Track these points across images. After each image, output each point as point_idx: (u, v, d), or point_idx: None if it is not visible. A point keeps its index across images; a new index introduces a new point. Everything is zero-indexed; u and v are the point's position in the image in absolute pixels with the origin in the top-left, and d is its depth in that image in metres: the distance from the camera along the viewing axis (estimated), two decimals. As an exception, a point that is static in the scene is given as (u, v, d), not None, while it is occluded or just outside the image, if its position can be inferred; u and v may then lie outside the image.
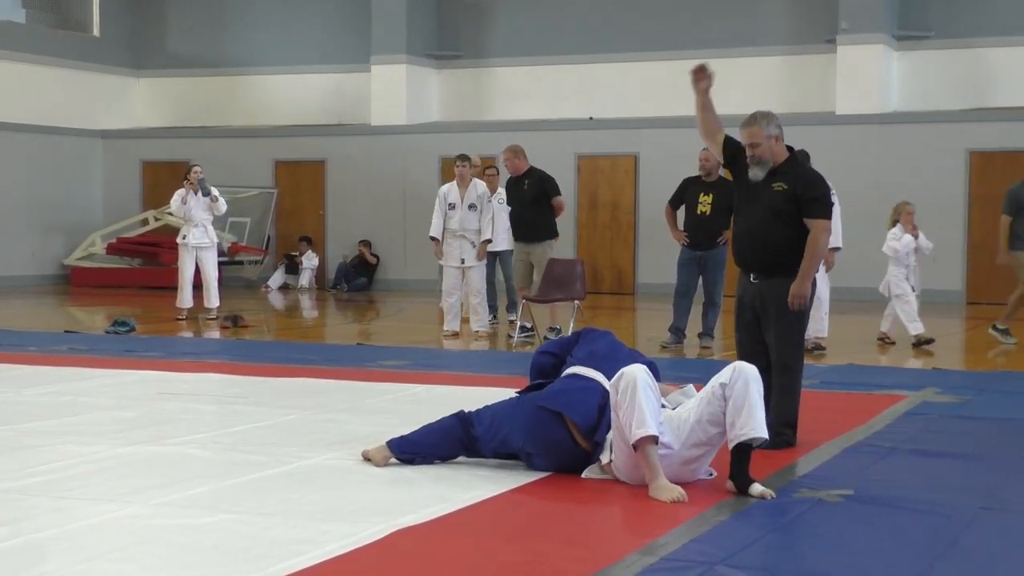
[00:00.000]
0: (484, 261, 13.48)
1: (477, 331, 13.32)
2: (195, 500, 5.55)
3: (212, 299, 15.22)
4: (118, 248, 22.05)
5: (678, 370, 10.66)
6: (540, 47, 21.41)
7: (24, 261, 21.96)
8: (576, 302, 12.91)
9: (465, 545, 4.97)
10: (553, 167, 20.26)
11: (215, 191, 15.26)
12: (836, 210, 11.72)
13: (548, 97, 21.32)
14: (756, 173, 6.94)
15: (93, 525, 5.12)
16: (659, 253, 18.83)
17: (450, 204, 13.32)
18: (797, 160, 7.01)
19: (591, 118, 20.75)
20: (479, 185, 13.45)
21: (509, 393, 9.03)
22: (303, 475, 6.14)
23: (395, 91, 21.61)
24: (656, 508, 5.50)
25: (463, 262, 13.31)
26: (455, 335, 13.27)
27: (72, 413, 7.60)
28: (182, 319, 15.06)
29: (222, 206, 15.33)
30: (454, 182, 13.43)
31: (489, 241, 13.39)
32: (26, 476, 6.01)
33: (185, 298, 15.16)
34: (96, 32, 23.54)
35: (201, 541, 4.90)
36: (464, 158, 13.45)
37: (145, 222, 22.39)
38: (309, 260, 21.74)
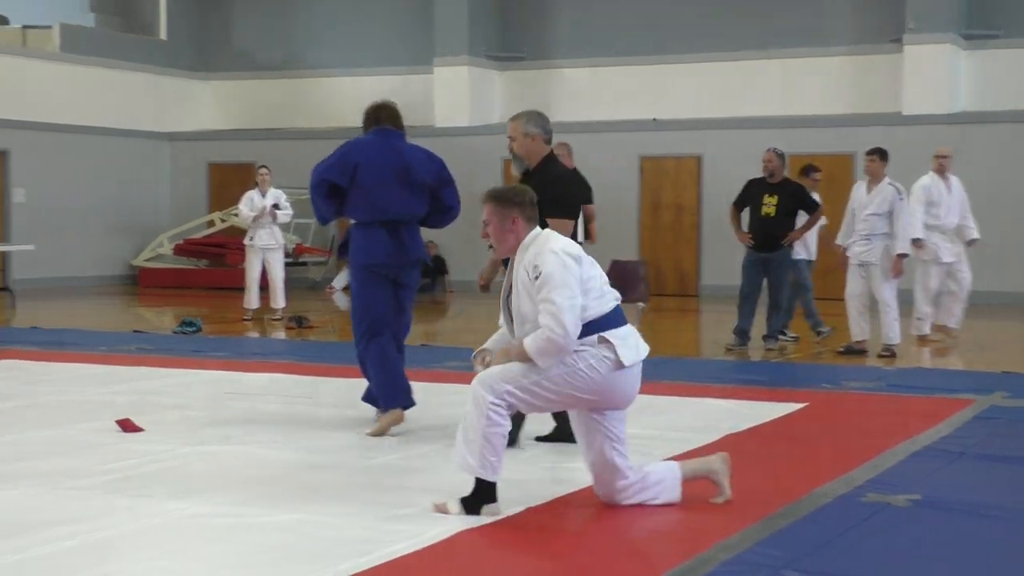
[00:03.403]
0: None
1: None
2: (261, 499, 5.59)
3: (278, 300, 15.34)
4: (185, 249, 22.27)
5: (743, 372, 10.64)
6: (603, 48, 21.37)
7: (94, 261, 22.22)
8: (640, 304, 12.87)
9: (528, 548, 4.97)
10: (616, 168, 20.38)
11: (282, 212, 15.36)
12: (907, 211, 11.63)
13: (611, 98, 21.28)
14: (513, 168, 7.03)
15: (160, 524, 5.18)
16: (723, 255, 18.73)
17: None
18: (548, 163, 6.91)
19: (654, 119, 20.68)
20: None
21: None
22: (369, 475, 6.17)
23: (458, 92, 21.65)
24: (720, 510, 5.47)
25: None
26: None
27: (140, 412, 7.68)
28: (248, 320, 15.18)
29: (286, 216, 15.48)
30: None
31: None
32: (95, 474, 6.09)
33: (251, 299, 15.30)
34: (164, 35, 23.82)
35: (266, 540, 4.94)
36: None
37: (211, 223, 22.60)
38: (373, 261, 21.79)
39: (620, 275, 13.08)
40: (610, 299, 5.47)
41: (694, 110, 20.62)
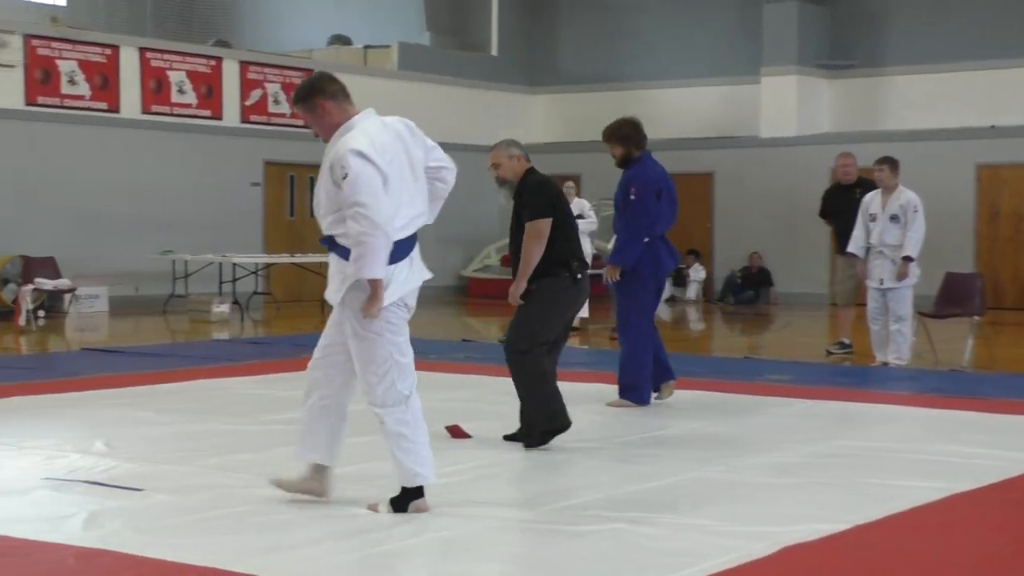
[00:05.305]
0: (910, 283, 11.45)
1: (894, 362, 11.48)
2: (582, 507, 5.64)
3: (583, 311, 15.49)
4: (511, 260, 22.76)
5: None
6: (938, 54, 20.60)
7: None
8: (975, 318, 12.33)
9: (857, 566, 4.82)
10: (950, 177, 19.61)
11: (584, 222, 15.56)
12: None
13: (946, 105, 20.48)
14: (502, 197, 7.57)
15: (487, 527, 5.30)
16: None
17: (871, 215, 11.56)
18: (527, 175, 7.48)
19: (993, 126, 19.79)
20: (905, 193, 11.47)
21: (902, 411, 8.77)
22: (690, 487, 6.15)
23: (785, 102, 21.34)
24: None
25: (882, 283, 11.51)
26: (885, 366, 11.54)
27: (468, 419, 7.87)
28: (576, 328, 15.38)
29: (590, 225, 15.65)
30: (878, 190, 11.61)
31: (910, 259, 11.35)
32: (426, 477, 6.29)
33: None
34: (494, 52, 24.49)
35: (587, 548, 4.98)
36: (886, 161, 11.58)
37: (537, 235, 22.99)
38: (696, 273, 21.78)
39: (955, 288, 12.59)
40: (403, 220, 5.50)
41: (1037, 116, 19.62)
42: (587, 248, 15.67)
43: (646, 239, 8.74)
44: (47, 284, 16.55)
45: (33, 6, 23.31)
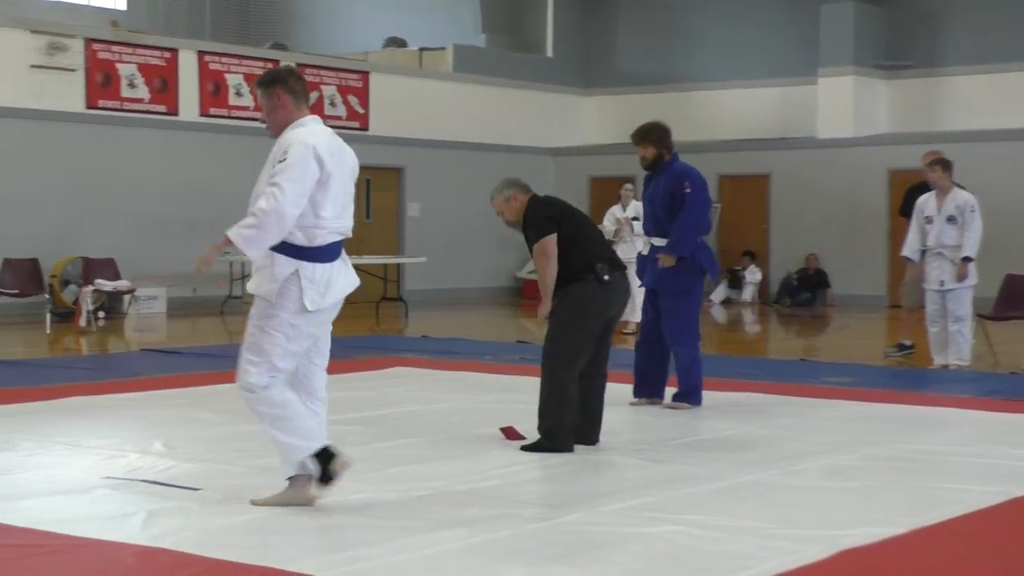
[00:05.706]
0: (969, 283, 11.37)
1: (956, 363, 11.38)
2: (637, 509, 5.63)
3: (634, 312, 15.42)
4: (567, 261, 22.73)
5: None
6: (996, 53, 20.38)
7: (481, 273, 23.05)
8: (1035, 321, 12.19)
9: (919, 573, 4.79)
10: (1010, 177, 19.41)
11: (638, 224, 15.54)
12: None
13: (1005, 105, 20.26)
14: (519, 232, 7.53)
15: (541, 529, 5.31)
16: None
17: (927, 217, 11.48)
18: (528, 204, 7.44)
19: (1053, 126, 19.58)
20: (960, 194, 11.39)
21: (960, 414, 8.70)
22: (745, 490, 6.13)
23: (842, 103, 21.19)
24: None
25: (942, 284, 11.42)
26: (945, 368, 11.46)
27: (523, 420, 7.86)
28: (629, 332, 15.35)
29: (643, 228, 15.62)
30: (932, 192, 11.53)
31: (969, 259, 11.26)
32: (479, 479, 6.29)
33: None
34: (549, 53, 24.50)
35: (646, 550, 4.98)
36: (937, 162, 11.49)
37: (592, 236, 22.97)
38: (752, 274, 21.66)
39: (1015, 289, 12.46)
40: (342, 224, 5.48)
41: (1098, 116, 19.37)
42: (641, 250, 15.57)
43: (701, 237, 8.81)
44: (107, 285, 16.74)
45: (93, 10, 23.60)
